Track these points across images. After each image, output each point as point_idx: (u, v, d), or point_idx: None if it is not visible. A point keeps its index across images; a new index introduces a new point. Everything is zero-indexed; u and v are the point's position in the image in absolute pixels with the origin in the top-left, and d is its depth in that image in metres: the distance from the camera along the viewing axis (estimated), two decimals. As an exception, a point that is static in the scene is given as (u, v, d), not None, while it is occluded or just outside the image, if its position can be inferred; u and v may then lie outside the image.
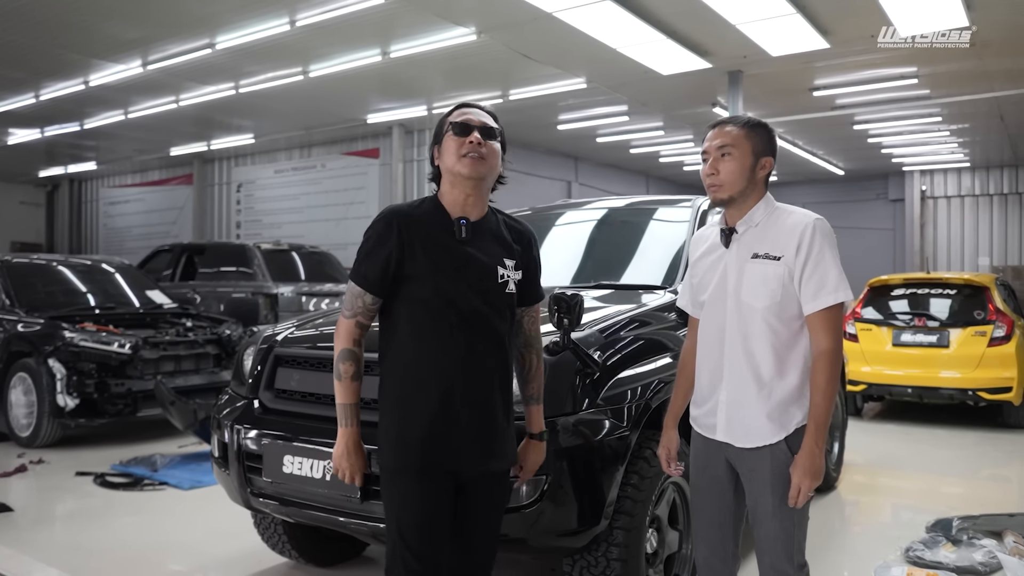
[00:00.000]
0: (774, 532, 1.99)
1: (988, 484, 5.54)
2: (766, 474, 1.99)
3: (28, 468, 5.38)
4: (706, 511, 2.15)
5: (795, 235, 1.97)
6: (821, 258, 1.95)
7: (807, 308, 1.96)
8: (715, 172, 2.03)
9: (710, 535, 2.14)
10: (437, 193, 2.06)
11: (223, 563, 3.63)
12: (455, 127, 1.99)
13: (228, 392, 3.19)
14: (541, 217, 4.43)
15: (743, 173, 2.02)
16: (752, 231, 2.05)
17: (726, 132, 2.04)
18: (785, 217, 2.03)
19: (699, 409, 2.16)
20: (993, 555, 3.51)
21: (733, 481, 2.11)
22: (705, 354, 2.13)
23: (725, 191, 2.03)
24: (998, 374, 6.77)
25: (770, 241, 2.00)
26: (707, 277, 2.12)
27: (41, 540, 3.98)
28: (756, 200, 2.06)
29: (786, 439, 1.98)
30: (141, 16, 8.11)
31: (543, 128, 13.57)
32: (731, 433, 2.05)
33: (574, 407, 2.46)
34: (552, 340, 2.47)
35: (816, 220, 1.99)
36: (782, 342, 1.99)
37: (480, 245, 2.00)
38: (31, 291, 6.72)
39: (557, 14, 7.53)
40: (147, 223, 18.59)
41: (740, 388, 2.03)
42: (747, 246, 2.04)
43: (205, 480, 4.99)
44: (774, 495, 1.98)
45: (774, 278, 1.97)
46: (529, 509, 2.33)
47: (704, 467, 2.15)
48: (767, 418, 1.99)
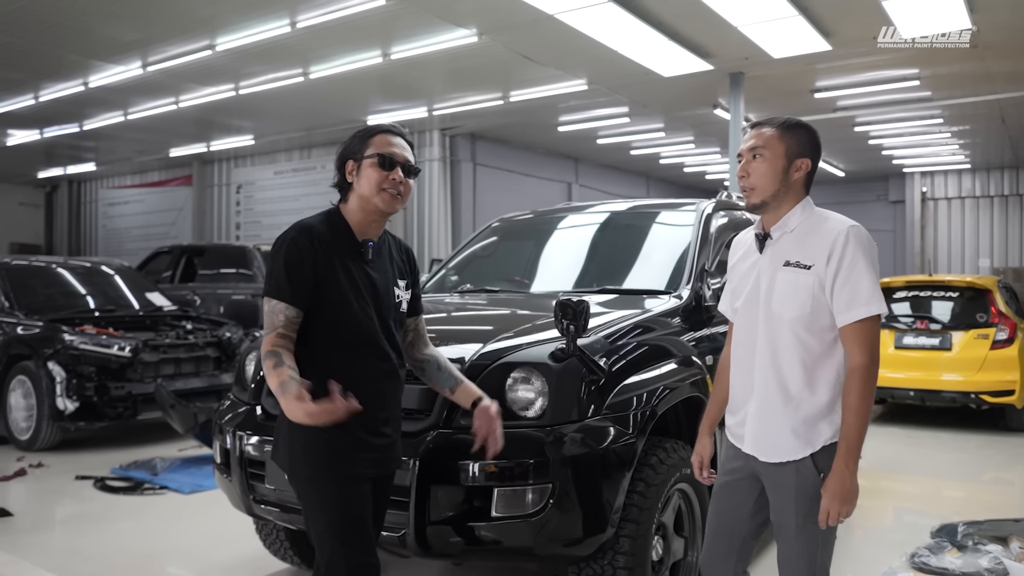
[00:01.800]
0: (796, 551, 1.93)
1: (991, 488, 5.53)
2: (790, 491, 1.92)
3: (27, 472, 5.35)
4: (717, 516, 2.11)
5: (827, 243, 1.87)
6: (854, 267, 1.84)
7: (839, 320, 1.87)
8: (746, 175, 1.96)
9: (719, 542, 2.10)
10: (340, 207, 2.07)
11: (225, 568, 3.61)
12: (380, 159, 2.00)
13: (230, 398, 3.16)
14: (543, 220, 4.41)
15: (775, 176, 1.93)
16: (787, 237, 1.96)
17: (759, 133, 1.97)
18: (821, 223, 1.93)
19: (732, 418, 2.10)
20: (999, 561, 3.49)
21: (753, 497, 2.05)
22: (738, 363, 2.06)
23: (757, 195, 1.95)
24: (1001, 377, 6.75)
25: (804, 248, 1.91)
26: (741, 284, 2.05)
27: (40, 545, 3.96)
28: (792, 204, 1.97)
29: (812, 456, 1.91)
30: (142, 18, 8.09)
31: (543, 129, 13.57)
32: (757, 446, 1.98)
33: (580, 414, 2.44)
34: (558, 347, 2.46)
35: (851, 227, 1.89)
36: (812, 355, 1.91)
37: (380, 267, 2.08)
38: (31, 293, 6.69)
39: (559, 16, 7.52)
40: (146, 224, 18.56)
41: (767, 401, 1.96)
42: (780, 253, 1.95)
43: (206, 484, 4.97)
44: (798, 513, 1.91)
45: (804, 288, 1.88)
46: (535, 517, 2.31)
47: (729, 473, 2.10)
48: (792, 433, 1.91)
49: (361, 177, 2.01)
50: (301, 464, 1.98)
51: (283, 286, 1.93)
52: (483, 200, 14.15)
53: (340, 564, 1.95)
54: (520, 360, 2.47)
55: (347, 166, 2.04)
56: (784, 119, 1.99)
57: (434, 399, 2.45)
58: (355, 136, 2.07)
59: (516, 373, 2.45)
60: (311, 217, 2.04)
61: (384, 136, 2.05)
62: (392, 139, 2.05)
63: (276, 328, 1.92)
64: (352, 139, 2.07)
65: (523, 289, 3.84)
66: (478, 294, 3.78)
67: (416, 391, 2.50)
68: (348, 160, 2.05)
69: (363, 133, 2.06)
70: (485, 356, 2.51)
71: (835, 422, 1.91)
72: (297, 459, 1.98)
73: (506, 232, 4.42)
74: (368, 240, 2.05)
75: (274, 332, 1.92)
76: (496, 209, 12.87)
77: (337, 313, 1.96)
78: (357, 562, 1.95)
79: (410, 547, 2.35)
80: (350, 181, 2.04)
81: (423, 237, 13.93)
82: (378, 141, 2.03)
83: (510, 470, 2.32)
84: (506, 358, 2.49)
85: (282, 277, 1.93)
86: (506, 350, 2.53)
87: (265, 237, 15.10)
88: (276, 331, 1.92)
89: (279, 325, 1.92)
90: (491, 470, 2.31)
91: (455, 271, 4.19)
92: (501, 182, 14.64)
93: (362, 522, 1.98)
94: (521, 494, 2.31)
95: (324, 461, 1.95)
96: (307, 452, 1.95)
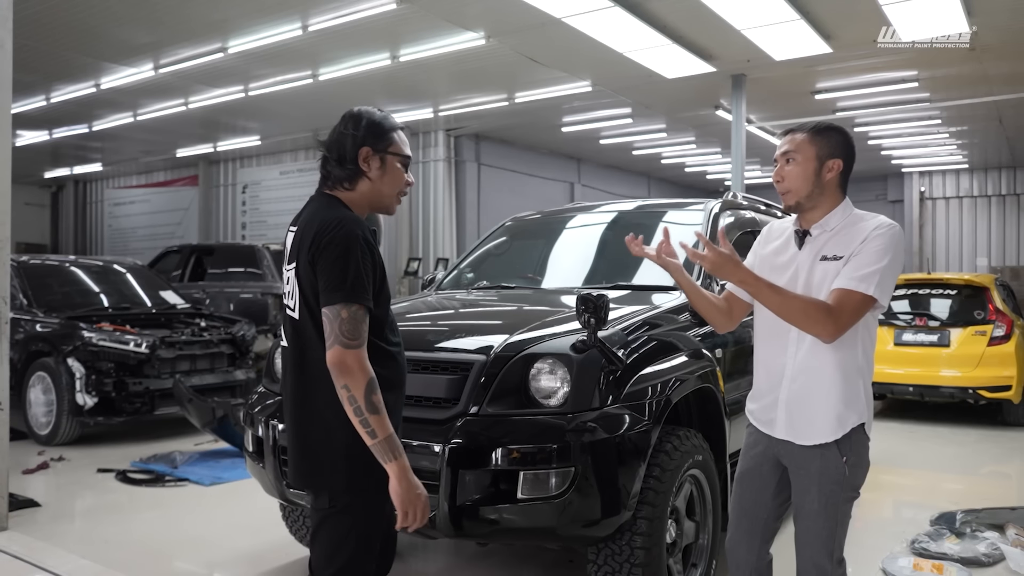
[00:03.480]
0: (816, 529, 2.04)
1: (989, 480, 5.66)
2: (815, 474, 2.03)
3: (50, 465, 5.49)
4: (742, 500, 2.23)
5: (862, 235, 1.98)
6: (871, 251, 1.94)
7: (837, 282, 1.95)
8: (781, 179, 2.08)
9: (743, 525, 2.22)
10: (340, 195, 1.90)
11: (251, 555, 3.74)
12: (404, 161, 1.93)
13: (260, 389, 3.30)
14: (555, 219, 4.54)
15: (807, 178, 2.04)
16: (827, 235, 2.05)
17: (792, 139, 2.08)
18: (859, 222, 2.04)
19: (756, 404, 2.20)
20: (996, 547, 3.63)
21: (776, 480, 2.17)
22: (765, 350, 2.15)
23: (792, 196, 2.06)
24: (998, 373, 6.89)
25: (841, 244, 2.01)
26: (775, 276, 2.09)
27: (70, 533, 4.10)
28: (832, 205, 2.07)
29: (837, 441, 2.02)
30: (155, 21, 8.23)
31: (547, 130, 13.70)
32: (793, 431, 2.07)
33: (600, 403, 2.58)
34: (579, 338, 2.60)
35: (890, 225, 2.00)
36: (844, 344, 2.00)
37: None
38: (48, 292, 6.83)
39: (566, 19, 7.66)
40: (152, 224, 18.68)
41: (806, 387, 2.04)
42: (818, 248, 2.05)
43: (225, 476, 5.11)
44: (821, 494, 2.02)
45: (833, 275, 1.98)
46: (558, 499, 2.44)
47: (752, 458, 2.20)
48: (834, 417, 2.01)
49: (385, 173, 1.91)
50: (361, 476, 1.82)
51: (366, 288, 1.77)
52: (487, 200, 14.28)
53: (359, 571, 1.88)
54: (543, 351, 2.62)
55: (362, 153, 1.88)
56: (816, 123, 2.11)
57: (462, 387, 2.59)
58: (373, 123, 1.91)
59: (540, 363, 2.59)
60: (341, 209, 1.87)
61: (402, 135, 1.95)
62: (405, 138, 1.96)
63: (362, 337, 1.76)
64: (370, 125, 1.90)
65: (536, 286, 3.97)
66: (494, 290, 3.92)
67: (444, 380, 2.65)
68: (366, 147, 1.88)
69: (386, 124, 1.92)
70: (510, 347, 2.65)
71: (859, 408, 2.03)
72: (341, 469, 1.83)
73: (519, 231, 4.56)
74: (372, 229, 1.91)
75: (362, 342, 1.76)
76: (500, 209, 13.01)
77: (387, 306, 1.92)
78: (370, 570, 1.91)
79: (441, 528, 2.49)
80: (364, 170, 1.89)
81: (428, 236, 14.07)
82: (399, 139, 1.93)
83: (534, 455, 2.46)
84: (530, 349, 2.63)
85: (367, 276, 1.78)
86: (529, 341, 2.67)
87: (271, 237, 15.22)
88: (362, 340, 1.76)
89: (367, 337, 1.77)
90: (516, 455, 2.46)
91: (470, 268, 4.33)
92: (505, 182, 14.77)
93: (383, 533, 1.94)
94: (545, 478, 2.45)
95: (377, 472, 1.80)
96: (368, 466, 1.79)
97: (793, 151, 2.06)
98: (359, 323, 1.76)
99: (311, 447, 1.88)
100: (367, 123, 1.90)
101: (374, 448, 1.75)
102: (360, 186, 1.90)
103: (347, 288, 1.75)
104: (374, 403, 1.74)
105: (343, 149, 1.88)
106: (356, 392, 1.73)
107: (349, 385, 1.73)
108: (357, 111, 1.93)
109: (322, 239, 1.78)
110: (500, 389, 2.58)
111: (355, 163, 1.88)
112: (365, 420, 1.73)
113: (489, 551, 3.73)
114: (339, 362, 1.74)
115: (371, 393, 1.74)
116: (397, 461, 1.75)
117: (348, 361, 1.73)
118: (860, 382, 2.04)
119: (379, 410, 1.74)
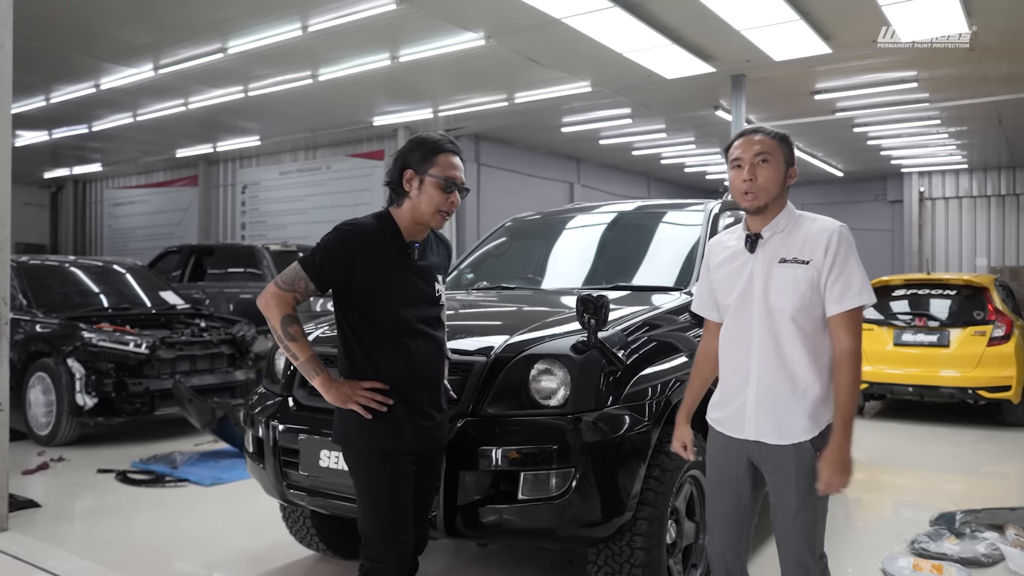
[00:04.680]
0: (796, 527, 2.06)
1: (988, 480, 5.67)
2: (791, 472, 2.06)
3: (50, 465, 5.49)
4: (722, 506, 2.23)
5: (823, 240, 2.04)
6: (847, 262, 2.03)
7: (832, 309, 2.03)
8: (753, 178, 2.08)
9: (724, 530, 2.22)
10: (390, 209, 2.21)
11: (252, 556, 3.74)
12: (445, 183, 2.15)
13: (261, 390, 3.30)
14: (555, 220, 4.55)
15: (779, 180, 2.10)
16: (777, 237, 2.12)
17: (762, 140, 2.10)
18: (809, 223, 2.11)
19: (722, 411, 2.21)
20: (995, 547, 3.64)
21: (751, 480, 2.19)
22: (730, 357, 2.18)
23: (763, 197, 2.08)
24: (997, 373, 6.90)
25: (797, 246, 2.08)
26: (730, 283, 2.18)
27: (70, 534, 4.10)
28: (781, 207, 2.14)
29: (811, 439, 2.06)
30: (155, 22, 8.23)
31: (547, 131, 13.71)
32: (764, 431, 2.10)
33: (600, 403, 2.59)
34: (579, 339, 2.60)
35: (841, 227, 2.07)
36: (812, 343, 2.07)
37: (425, 263, 2.26)
38: (47, 292, 6.82)
39: (566, 20, 7.67)
40: (152, 224, 18.69)
41: (774, 388, 2.08)
42: (773, 251, 2.11)
43: (225, 477, 5.11)
44: (798, 492, 2.05)
45: (804, 281, 2.04)
46: (558, 500, 2.45)
47: (723, 465, 2.20)
48: (807, 417, 2.06)
49: (422, 193, 2.14)
50: (355, 437, 2.17)
51: (315, 264, 2.11)
52: (487, 200, 14.28)
53: (378, 536, 2.14)
54: (544, 352, 2.62)
55: (406, 174, 2.15)
56: (774, 130, 2.16)
57: (463, 387, 2.59)
58: (419, 146, 2.16)
59: (540, 364, 2.60)
60: (368, 217, 2.20)
61: (448, 157, 2.16)
62: (454, 160, 2.17)
63: (295, 290, 2.12)
64: (416, 148, 2.16)
65: (536, 286, 3.98)
66: (494, 291, 3.92)
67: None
68: (408, 169, 2.15)
69: (429, 147, 2.15)
70: (510, 348, 2.65)
71: (831, 406, 2.07)
72: (352, 433, 2.17)
73: (518, 232, 4.56)
74: (414, 241, 2.21)
75: (291, 291, 2.12)
76: (499, 209, 13.02)
77: (390, 303, 2.15)
78: (392, 536, 2.14)
79: (440, 529, 2.50)
80: (407, 190, 2.16)
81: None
82: (443, 162, 2.14)
83: (535, 455, 2.47)
84: (530, 350, 2.63)
85: (320, 256, 2.11)
86: (530, 342, 2.67)
87: (270, 237, 15.24)
88: (294, 292, 2.12)
89: (298, 290, 2.12)
90: (516, 456, 2.46)
91: (470, 269, 4.33)
92: (504, 182, 14.78)
93: (402, 499, 2.16)
94: (545, 478, 2.46)
95: (376, 436, 2.14)
96: (361, 427, 2.15)
97: (767, 152, 2.09)
98: (294, 276, 2.12)
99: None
100: (413, 146, 2.17)
101: (300, 368, 2.18)
102: (405, 203, 2.19)
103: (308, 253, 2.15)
104: (291, 333, 2.14)
105: (393, 170, 2.19)
106: (274, 323, 2.14)
107: (268, 317, 2.15)
108: (417, 135, 2.22)
109: None
110: (500, 390, 2.58)
111: (399, 183, 2.17)
112: (287, 346, 2.15)
113: (489, 552, 3.74)
114: (262, 296, 2.14)
115: (287, 325, 2.13)
116: (319, 376, 2.15)
117: (267, 296, 2.13)
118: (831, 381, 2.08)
119: (296, 339, 2.14)
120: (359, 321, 2.16)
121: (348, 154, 14.76)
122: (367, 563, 2.18)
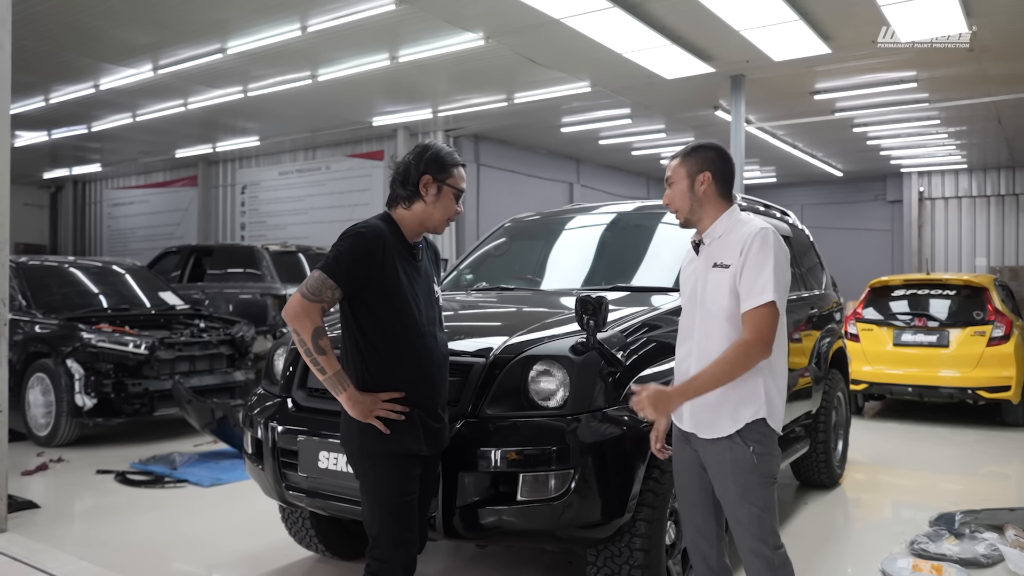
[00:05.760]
0: (744, 518, 2.14)
1: (988, 481, 5.67)
2: (728, 466, 2.15)
3: (49, 466, 5.49)
4: (688, 492, 2.31)
5: (740, 243, 2.15)
6: (757, 263, 2.10)
7: (742, 307, 2.12)
8: (668, 202, 2.31)
9: (694, 515, 2.31)
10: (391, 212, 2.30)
11: (251, 557, 3.74)
12: (458, 194, 2.30)
13: (260, 391, 3.29)
14: (554, 221, 4.55)
15: (684, 195, 2.25)
16: (716, 242, 2.23)
17: (669, 166, 2.31)
18: (741, 228, 2.20)
19: None
20: (995, 547, 3.64)
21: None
22: (678, 352, 2.32)
23: (680, 215, 2.28)
24: (997, 373, 6.91)
25: (727, 251, 2.18)
26: (685, 285, 2.34)
27: (69, 535, 4.10)
28: (716, 214, 2.24)
29: (739, 432, 2.14)
30: (154, 22, 8.23)
31: (546, 131, 13.71)
32: (696, 424, 2.22)
33: (599, 404, 2.59)
34: (578, 340, 2.60)
35: (761, 229, 2.15)
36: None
37: (424, 265, 2.37)
38: (47, 293, 6.82)
39: (565, 20, 7.67)
40: (151, 224, 18.69)
41: None
42: (710, 256, 2.23)
43: (224, 478, 5.11)
44: (737, 485, 2.14)
45: (726, 284, 2.15)
46: (557, 501, 2.45)
47: (680, 452, 2.32)
48: (723, 413, 2.15)
49: (440, 200, 2.27)
50: (369, 442, 2.20)
51: (342, 269, 2.14)
52: (486, 200, 14.27)
53: (386, 536, 2.17)
54: (543, 353, 2.62)
55: (424, 179, 2.25)
56: (687, 147, 2.30)
57: (461, 389, 2.59)
58: (438, 155, 2.27)
59: (539, 365, 2.59)
60: (376, 219, 2.26)
61: (461, 170, 2.32)
62: (464, 174, 2.34)
63: (323, 300, 2.14)
64: (435, 157, 2.26)
65: (535, 287, 3.98)
66: (493, 292, 3.92)
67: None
68: (427, 175, 2.25)
69: (449, 159, 2.28)
70: (509, 349, 2.65)
71: (755, 405, 2.14)
72: (367, 438, 2.20)
73: (518, 232, 4.56)
74: (417, 243, 2.33)
75: (319, 301, 2.13)
76: (499, 209, 13.02)
77: (403, 306, 2.22)
78: (400, 537, 2.18)
79: (439, 530, 2.49)
80: (422, 195, 2.25)
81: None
82: (458, 174, 2.30)
83: (534, 457, 2.47)
84: (529, 351, 2.63)
85: (345, 261, 2.14)
86: (529, 343, 2.67)
87: (270, 237, 15.23)
88: (322, 302, 2.14)
89: (326, 299, 2.14)
90: (515, 457, 2.46)
91: (469, 270, 4.33)
92: (504, 182, 14.77)
93: (409, 499, 2.21)
94: (544, 479, 2.46)
95: (390, 441, 2.18)
96: (370, 430, 2.19)
97: (670, 176, 2.29)
98: (320, 284, 2.14)
99: None
100: (432, 154, 2.27)
101: (326, 382, 2.18)
102: (415, 207, 2.27)
103: (326, 259, 2.17)
104: (321, 347, 2.14)
105: (408, 173, 2.26)
106: (304, 336, 2.13)
107: (298, 330, 2.14)
108: (428, 143, 2.32)
109: None
110: (499, 391, 2.58)
111: (416, 187, 2.25)
112: (315, 360, 2.15)
113: (488, 552, 3.74)
114: (289, 307, 2.14)
115: (318, 339, 2.14)
116: (346, 391, 2.17)
117: (296, 308, 2.13)
118: (760, 380, 2.14)
119: (326, 352, 2.15)
120: (371, 324, 2.20)
121: (347, 154, 14.76)
122: (374, 563, 2.20)
